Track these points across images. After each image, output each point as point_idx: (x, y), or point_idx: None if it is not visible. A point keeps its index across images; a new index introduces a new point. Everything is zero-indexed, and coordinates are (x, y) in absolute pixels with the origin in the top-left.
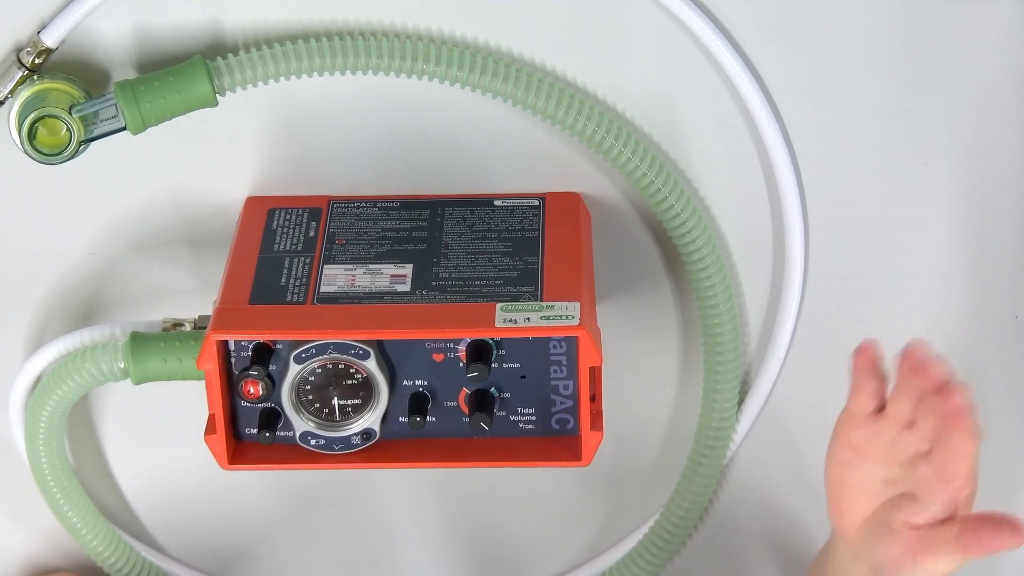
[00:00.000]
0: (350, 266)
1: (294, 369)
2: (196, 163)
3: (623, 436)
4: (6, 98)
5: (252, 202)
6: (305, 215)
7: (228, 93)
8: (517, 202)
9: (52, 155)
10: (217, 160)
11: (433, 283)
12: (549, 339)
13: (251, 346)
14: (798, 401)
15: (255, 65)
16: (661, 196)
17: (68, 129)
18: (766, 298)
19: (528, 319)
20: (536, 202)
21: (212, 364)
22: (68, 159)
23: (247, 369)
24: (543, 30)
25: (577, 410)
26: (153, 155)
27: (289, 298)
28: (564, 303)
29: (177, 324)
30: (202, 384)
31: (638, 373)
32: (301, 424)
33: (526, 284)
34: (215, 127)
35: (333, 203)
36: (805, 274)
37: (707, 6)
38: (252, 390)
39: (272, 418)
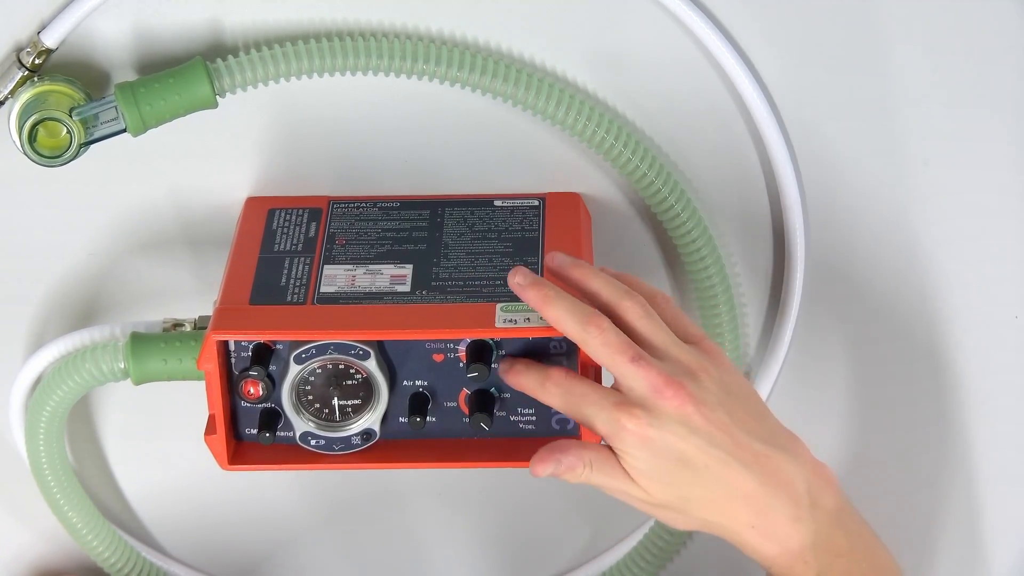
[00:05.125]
0: (350, 266)
1: (294, 369)
2: (196, 163)
3: None
4: (6, 98)
5: (252, 202)
6: (305, 215)
7: (228, 94)
8: (517, 202)
9: (52, 157)
10: (217, 160)
11: (433, 283)
12: (549, 339)
13: (251, 346)
14: (798, 401)
15: (255, 66)
16: (661, 196)
17: (68, 132)
18: (766, 298)
19: (528, 319)
20: (536, 202)
21: (212, 364)
22: (68, 161)
23: (247, 369)
24: (543, 31)
25: None
26: (153, 155)
27: (289, 298)
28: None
29: (177, 324)
30: (202, 384)
31: None
32: (301, 424)
33: None
34: (215, 127)
35: (333, 203)
36: (805, 274)
37: (707, 6)
38: (252, 390)
39: (272, 418)
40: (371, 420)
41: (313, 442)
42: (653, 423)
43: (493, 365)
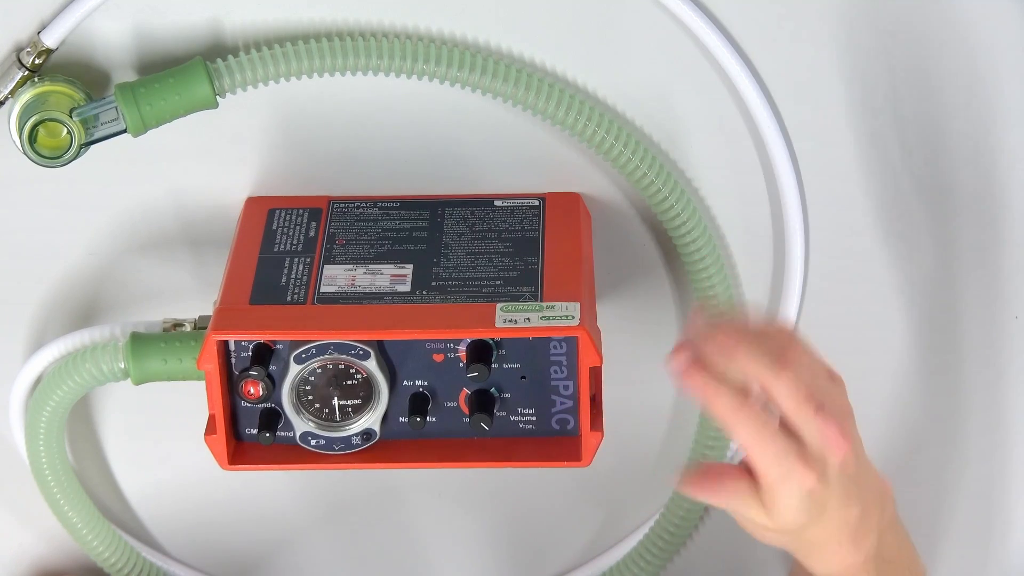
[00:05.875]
0: (350, 266)
1: (294, 369)
2: (196, 164)
3: (623, 436)
4: (6, 99)
5: (252, 202)
6: (305, 215)
7: (228, 94)
8: (517, 202)
9: (53, 158)
10: (217, 160)
11: (433, 283)
12: (549, 339)
13: (251, 346)
14: None
15: (255, 66)
16: (661, 196)
17: (69, 132)
18: (766, 298)
19: (528, 319)
20: (536, 202)
21: (212, 364)
22: (69, 162)
23: (247, 369)
24: (543, 30)
25: (577, 410)
26: (153, 155)
27: (289, 298)
28: (564, 303)
29: (177, 324)
30: (202, 384)
31: (638, 373)
32: (301, 424)
33: (526, 284)
34: (215, 128)
35: (333, 203)
36: (805, 274)
37: (707, 6)
38: (252, 390)
39: (272, 418)
40: (371, 420)
41: (313, 442)
42: (822, 479)
43: (493, 365)
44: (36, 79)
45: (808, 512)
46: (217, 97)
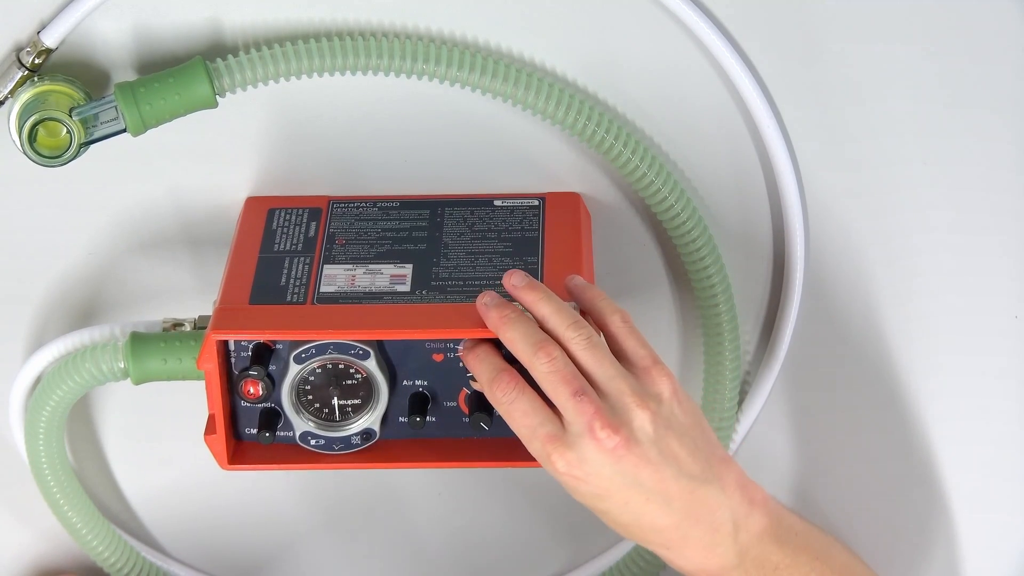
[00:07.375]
0: (350, 266)
1: (294, 369)
2: (196, 163)
3: None
4: (6, 98)
5: (252, 202)
6: (305, 215)
7: (228, 94)
8: (517, 202)
9: (52, 157)
10: (217, 160)
11: (433, 283)
12: None
13: (251, 346)
14: (798, 401)
15: (255, 66)
16: (661, 196)
17: (68, 131)
18: (766, 298)
19: None
20: (536, 202)
21: (212, 364)
22: (68, 161)
23: (247, 369)
24: (542, 30)
25: None
26: (153, 155)
27: (289, 298)
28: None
29: (177, 324)
30: (202, 384)
31: None
32: (301, 424)
33: None
34: (215, 127)
35: (333, 203)
36: (805, 274)
37: (707, 6)
38: (252, 390)
39: (272, 418)
40: (371, 420)
41: (313, 442)
42: (582, 465)
43: None
44: (36, 79)
45: (587, 499)
46: (217, 97)
